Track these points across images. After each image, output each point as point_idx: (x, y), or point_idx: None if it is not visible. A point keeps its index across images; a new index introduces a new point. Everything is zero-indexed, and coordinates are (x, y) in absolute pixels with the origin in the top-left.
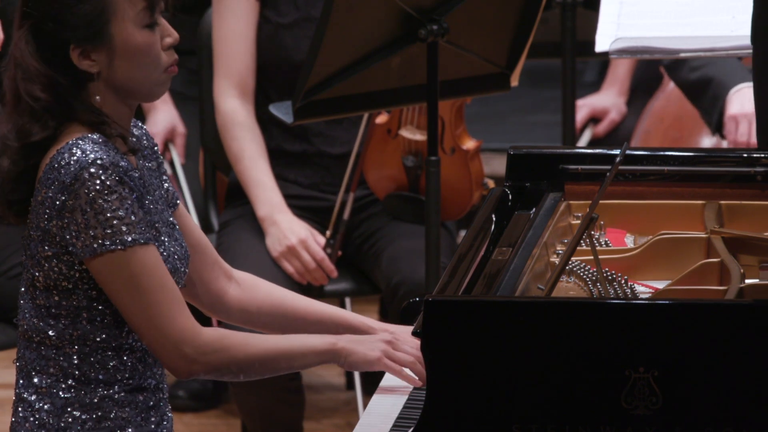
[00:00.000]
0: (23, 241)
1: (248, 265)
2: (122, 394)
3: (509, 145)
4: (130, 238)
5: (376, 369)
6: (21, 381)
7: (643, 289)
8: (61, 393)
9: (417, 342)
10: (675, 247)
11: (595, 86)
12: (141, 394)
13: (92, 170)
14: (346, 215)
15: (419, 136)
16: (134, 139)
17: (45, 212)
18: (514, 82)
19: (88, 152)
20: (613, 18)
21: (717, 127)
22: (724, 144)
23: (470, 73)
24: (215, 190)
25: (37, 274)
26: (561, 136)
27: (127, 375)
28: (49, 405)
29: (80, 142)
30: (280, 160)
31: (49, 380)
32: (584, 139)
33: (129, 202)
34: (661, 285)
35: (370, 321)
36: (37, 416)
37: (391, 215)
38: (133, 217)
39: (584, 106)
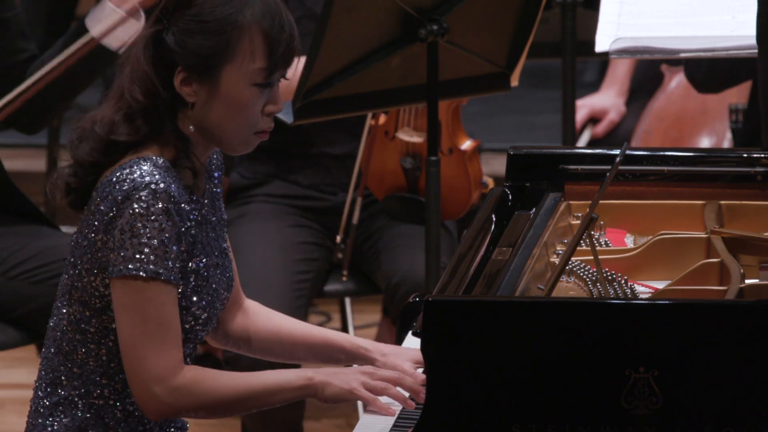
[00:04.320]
0: (70, 244)
1: (249, 263)
2: (142, 420)
3: (509, 145)
4: (153, 268)
5: (353, 399)
6: (45, 385)
7: (643, 289)
8: (80, 412)
9: (401, 363)
10: (675, 247)
11: (594, 86)
12: (156, 428)
13: (142, 193)
14: (355, 219)
15: (416, 138)
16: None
17: (94, 224)
18: (514, 82)
19: (145, 174)
20: (613, 18)
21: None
22: (725, 144)
23: (470, 73)
24: None
25: (76, 284)
26: (561, 136)
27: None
28: (68, 420)
29: (142, 162)
30: (280, 161)
31: (72, 393)
32: (583, 140)
33: (167, 235)
34: (661, 285)
35: (364, 342)
36: (56, 427)
37: (391, 216)
38: (165, 251)
39: (583, 107)
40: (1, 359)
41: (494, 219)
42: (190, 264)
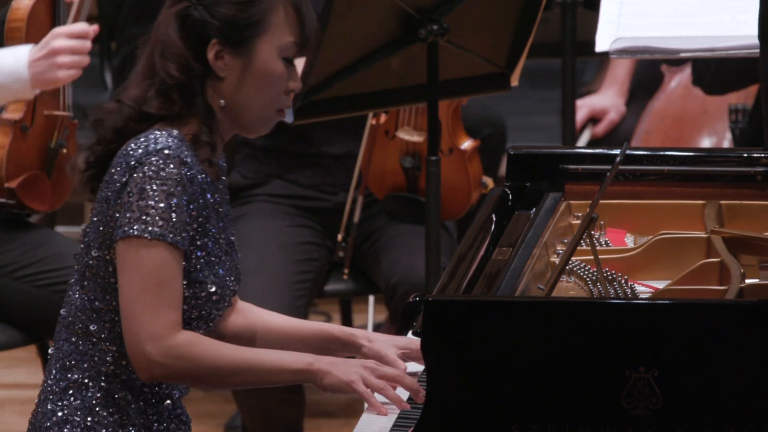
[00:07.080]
0: (84, 229)
1: (250, 263)
2: (152, 401)
3: (509, 145)
4: (158, 230)
5: (349, 392)
6: (54, 372)
7: (643, 289)
8: (91, 391)
9: (385, 349)
10: (675, 247)
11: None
12: (164, 402)
13: (154, 158)
14: (356, 218)
15: (416, 138)
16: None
17: (107, 193)
18: (514, 82)
19: (160, 142)
20: (613, 18)
21: None
22: (725, 144)
23: (470, 73)
24: None
25: (90, 262)
26: (561, 136)
27: (155, 387)
28: (78, 401)
29: (158, 133)
30: (281, 161)
31: (83, 375)
32: (583, 140)
33: (175, 199)
34: (661, 285)
35: (353, 330)
36: (66, 411)
37: (390, 216)
38: (171, 215)
39: (583, 107)
40: (1, 359)
41: (494, 219)
42: (201, 239)
